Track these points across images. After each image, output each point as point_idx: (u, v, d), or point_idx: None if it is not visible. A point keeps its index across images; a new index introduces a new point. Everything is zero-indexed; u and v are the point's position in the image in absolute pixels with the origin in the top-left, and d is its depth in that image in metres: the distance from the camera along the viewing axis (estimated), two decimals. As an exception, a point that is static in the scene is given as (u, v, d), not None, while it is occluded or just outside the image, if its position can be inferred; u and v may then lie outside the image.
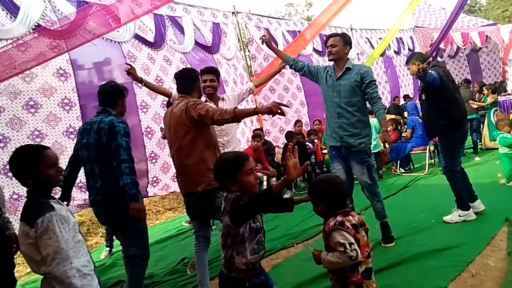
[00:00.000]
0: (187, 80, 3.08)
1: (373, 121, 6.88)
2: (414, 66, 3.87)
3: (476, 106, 7.53)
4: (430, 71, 3.64)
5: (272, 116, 2.72)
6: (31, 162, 1.86)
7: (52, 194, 1.98)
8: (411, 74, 4.28)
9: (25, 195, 1.91)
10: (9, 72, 3.49)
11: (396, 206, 4.81)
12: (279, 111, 2.59)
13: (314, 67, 3.79)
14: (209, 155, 2.89)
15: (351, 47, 3.61)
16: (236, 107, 2.88)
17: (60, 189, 3.05)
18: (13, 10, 4.19)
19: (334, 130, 3.58)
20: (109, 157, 2.73)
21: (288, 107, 3.93)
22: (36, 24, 4.27)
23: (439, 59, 13.39)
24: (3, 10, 4.13)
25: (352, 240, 1.86)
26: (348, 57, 3.56)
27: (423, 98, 4.01)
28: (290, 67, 3.97)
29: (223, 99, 3.77)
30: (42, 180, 1.89)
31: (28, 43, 3.60)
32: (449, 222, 3.93)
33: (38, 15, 4.33)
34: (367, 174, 3.57)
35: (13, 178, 1.95)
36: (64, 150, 4.47)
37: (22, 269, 4.38)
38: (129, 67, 3.65)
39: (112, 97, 2.97)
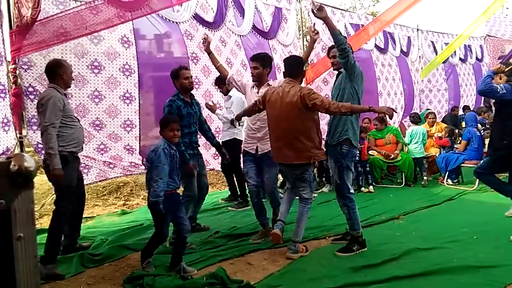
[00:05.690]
0: (294, 65, 3.48)
1: (418, 128, 6.64)
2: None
3: None
4: (494, 84, 3.43)
5: (384, 116, 3.15)
6: None
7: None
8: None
9: None
10: (80, 32, 3.72)
11: (437, 216, 4.64)
12: (390, 115, 3.09)
13: None
14: (314, 134, 3.34)
15: None
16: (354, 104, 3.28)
17: None
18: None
19: None
20: None
21: (397, 112, 4.22)
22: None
23: (508, 72, 12.51)
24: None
25: None
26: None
27: (495, 110, 3.87)
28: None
29: (268, 84, 3.84)
30: None
31: (99, 7, 3.80)
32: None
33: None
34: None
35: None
36: (118, 114, 4.71)
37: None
38: (207, 36, 4.21)
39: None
